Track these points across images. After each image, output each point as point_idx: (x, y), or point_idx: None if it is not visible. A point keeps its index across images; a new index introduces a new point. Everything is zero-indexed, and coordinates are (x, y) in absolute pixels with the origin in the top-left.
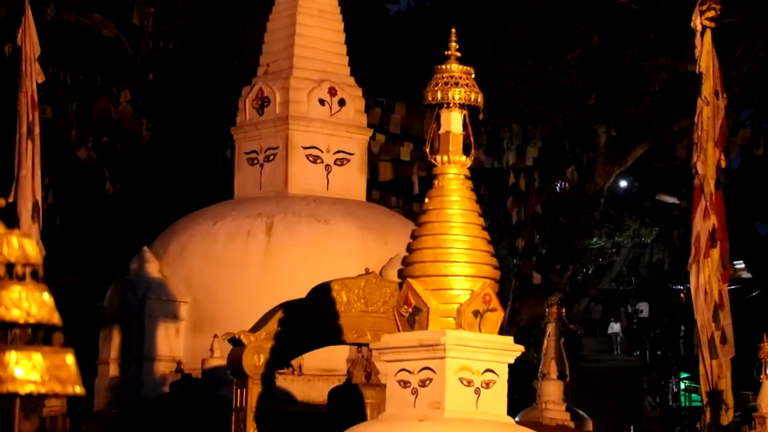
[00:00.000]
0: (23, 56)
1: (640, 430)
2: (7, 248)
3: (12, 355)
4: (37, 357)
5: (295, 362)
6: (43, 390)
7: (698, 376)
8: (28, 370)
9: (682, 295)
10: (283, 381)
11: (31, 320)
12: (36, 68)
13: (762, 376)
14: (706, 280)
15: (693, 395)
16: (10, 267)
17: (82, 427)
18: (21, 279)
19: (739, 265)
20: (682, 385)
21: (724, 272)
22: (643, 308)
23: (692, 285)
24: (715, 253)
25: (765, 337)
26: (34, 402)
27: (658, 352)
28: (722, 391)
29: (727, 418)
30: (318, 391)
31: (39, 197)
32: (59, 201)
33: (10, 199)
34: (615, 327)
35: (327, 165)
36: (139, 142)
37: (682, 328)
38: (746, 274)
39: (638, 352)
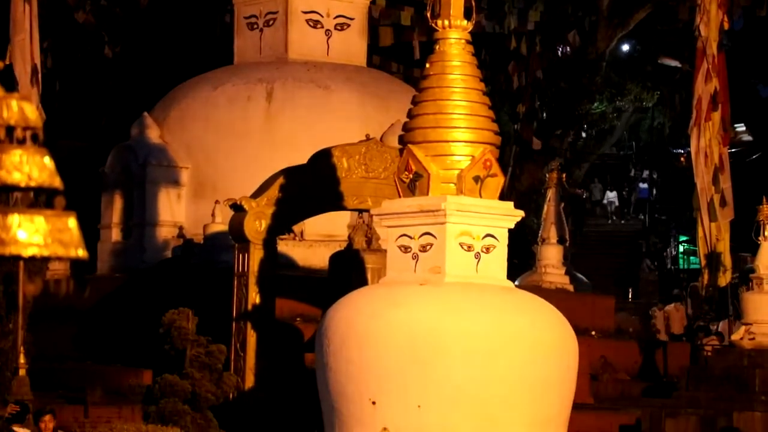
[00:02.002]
0: None
1: (638, 293)
2: (7, 111)
3: (14, 218)
4: (39, 220)
5: (296, 228)
6: (46, 253)
7: (697, 238)
8: (30, 233)
9: (682, 158)
10: (285, 246)
11: (32, 184)
12: None
13: (760, 238)
14: (706, 143)
15: (691, 258)
16: (9, 130)
17: (86, 290)
18: (21, 142)
19: (740, 127)
20: (681, 248)
21: (725, 135)
22: (644, 177)
23: (693, 148)
24: (717, 116)
25: (764, 200)
26: (37, 265)
27: (657, 215)
28: (720, 254)
29: (724, 279)
30: (319, 256)
31: (38, 61)
32: (58, 65)
33: (7, 62)
34: (610, 195)
35: (327, 30)
36: (137, 6)
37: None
38: (747, 137)
39: (640, 215)
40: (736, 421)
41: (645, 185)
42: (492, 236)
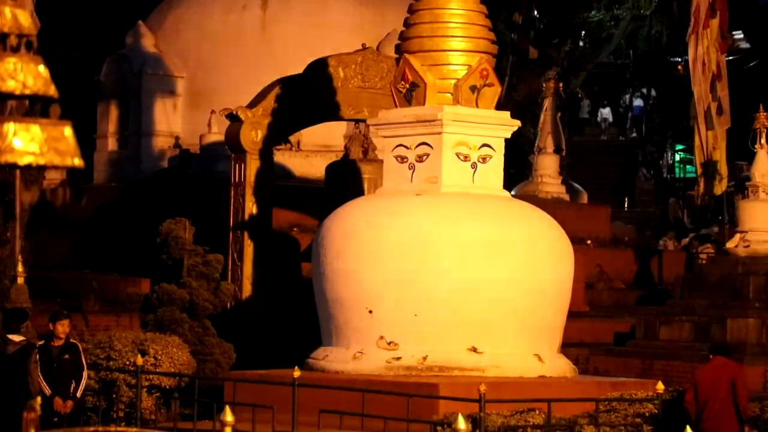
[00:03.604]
0: None
1: (634, 202)
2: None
3: (10, 127)
4: (35, 129)
5: (293, 138)
6: (42, 161)
7: (693, 147)
8: (26, 142)
9: (679, 67)
10: (281, 156)
11: (27, 92)
12: None
13: (757, 146)
14: (704, 50)
15: (687, 167)
16: (3, 38)
17: (83, 200)
18: (15, 50)
19: (738, 35)
20: (677, 157)
21: (723, 42)
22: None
23: (690, 56)
24: (715, 23)
25: (761, 108)
26: (34, 174)
27: (655, 120)
28: (716, 162)
29: (720, 188)
30: (316, 166)
31: None
32: None
33: None
34: (604, 112)
35: None
36: None
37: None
38: (745, 44)
39: (634, 132)
40: (729, 328)
41: (640, 102)
42: (488, 146)
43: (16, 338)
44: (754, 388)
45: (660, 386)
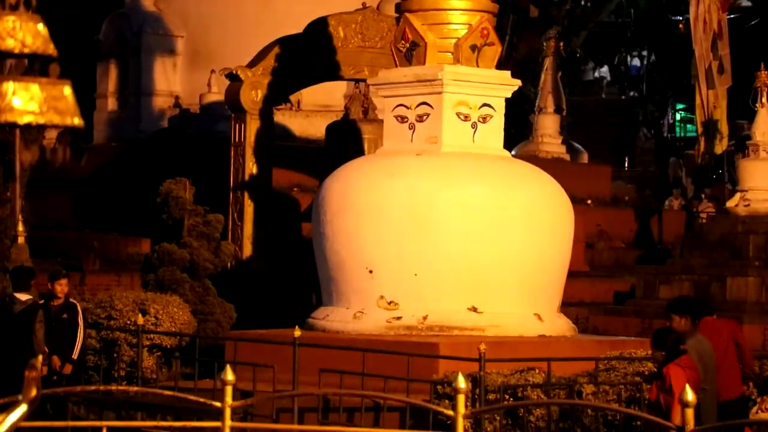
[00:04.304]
0: None
1: (634, 162)
2: None
3: (9, 86)
4: (34, 88)
5: (293, 98)
6: (41, 120)
7: (694, 106)
8: (25, 101)
9: (681, 25)
10: (282, 116)
11: (26, 50)
12: None
13: (758, 105)
14: (705, 9)
15: (688, 126)
16: None
17: (83, 160)
18: (14, 8)
19: None
20: (678, 116)
21: (724, 1)
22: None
23: (691, 15)
24: None
25: (762, 66)
26: (33, 133)
27: (656, 80)
28: (717, 121)
29: (721, 147)
30: (316, 126)
31: None
32: None
33: None
34: (603, 71)
35: None
36: None
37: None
38: (746, 3)
39: (633, 92)
40: (729, 287)
41: (636, 62)
42: (489, 106)
43: (23, 297)
44: (753, 346)
45: None
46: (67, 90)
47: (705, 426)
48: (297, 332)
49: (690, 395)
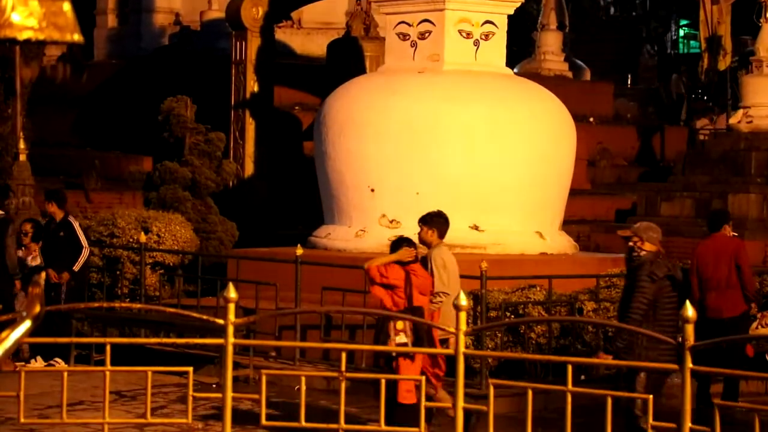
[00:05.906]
0: None
1: (637, 79)
2: None
3: (8, 1)
4: (33, 3)
5: (294, 15)
6: (41, 37)
7: (698, 22)
8: (24, 17)
9: None
10: (282, 34)
11: None
12: None
13: (762, 20)
14: None
15: (692, 42)
16: None
17: (83, 77)
18: None
19: None
20: (681, 33)
21: None
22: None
23: None
24: None
25: None
26: (33, 50)
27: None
28: (721, 37)
29: (724, 63)
30: (317, 44)
31: None
32: None
33: None
34: None
35: None
36: None
37: None
38: None
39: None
40: (730, 203)
41: None
42: (491, 23)
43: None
44: (754, 262)
45: None
46: (67, 6)
47: (699, 343)
48: (299, 250)
49: (690, 311)
